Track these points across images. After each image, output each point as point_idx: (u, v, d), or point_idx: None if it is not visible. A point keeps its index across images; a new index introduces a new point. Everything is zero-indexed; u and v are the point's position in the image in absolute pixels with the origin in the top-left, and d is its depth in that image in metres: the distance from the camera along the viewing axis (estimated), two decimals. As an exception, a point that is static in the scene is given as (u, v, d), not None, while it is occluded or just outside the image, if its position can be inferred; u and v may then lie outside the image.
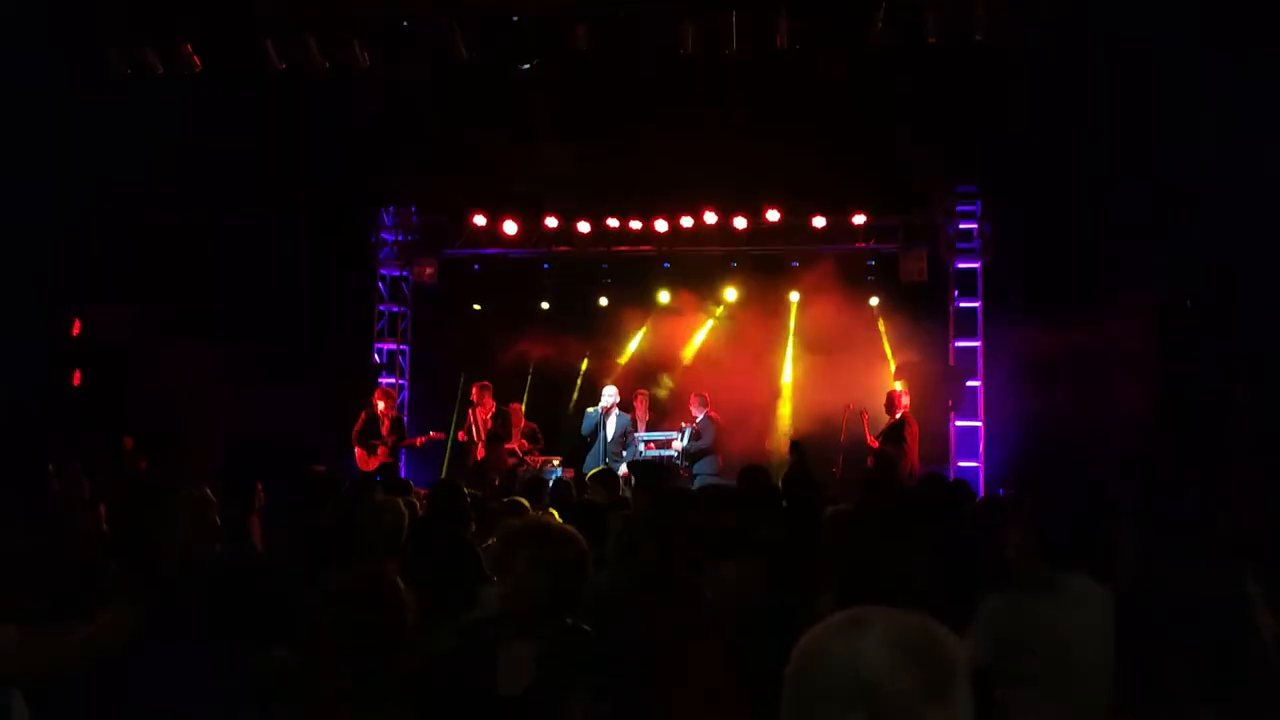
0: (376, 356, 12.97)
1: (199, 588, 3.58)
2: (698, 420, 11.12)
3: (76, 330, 10.11)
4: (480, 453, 11.13)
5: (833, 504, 5.43)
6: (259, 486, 5.34)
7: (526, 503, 5.00)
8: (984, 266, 11.98)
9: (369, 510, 4.63)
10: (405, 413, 12.72)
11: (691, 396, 11.33)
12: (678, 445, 11.15)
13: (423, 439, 11.28)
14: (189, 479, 5.90)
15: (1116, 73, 8.98)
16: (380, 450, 10.85)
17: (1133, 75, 8.98)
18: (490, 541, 4.44)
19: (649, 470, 5.48)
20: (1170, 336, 9.48)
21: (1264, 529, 4.97)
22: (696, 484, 10.90)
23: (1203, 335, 8.93)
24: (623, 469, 9.71)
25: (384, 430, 10.99)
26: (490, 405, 11.28)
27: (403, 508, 4.67)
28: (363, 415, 11.02)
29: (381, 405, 11.11)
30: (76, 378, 10.04)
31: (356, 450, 10.91)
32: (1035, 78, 9.31)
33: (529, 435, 11.43)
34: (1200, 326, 8.94)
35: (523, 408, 11.62)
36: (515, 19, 9.14)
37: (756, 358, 12.39)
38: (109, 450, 9.15)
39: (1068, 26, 8.31)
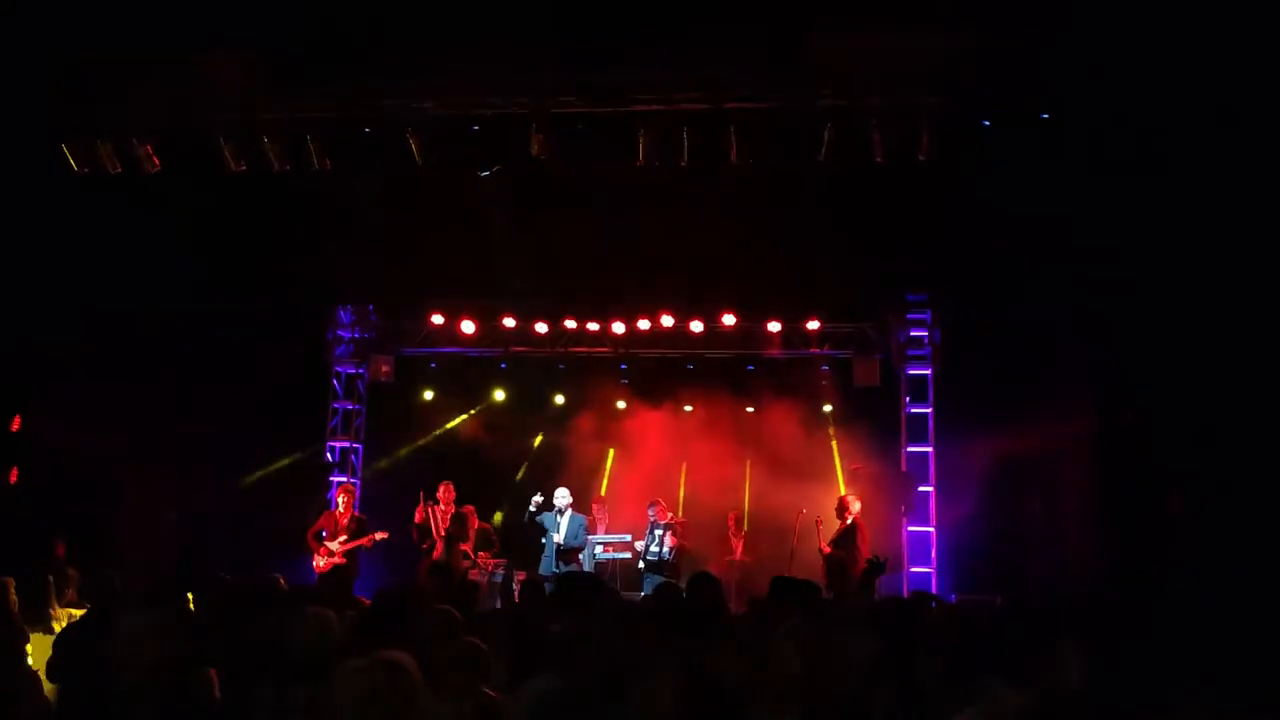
0: (329, 455, 12.80)
1: None
2: (662, 526, 11.06)
3: (16, 426, 9.93)
4: (438, 552, 10.93)
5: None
6: None
7: (457, 613, 4.86)
8: (935, 373, 12.17)
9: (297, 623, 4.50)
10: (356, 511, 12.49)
11: (652, 507, 11.29)
12: (643, 548, 11.03)
13: (369, 539, 10.93)
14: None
15: (1059, 184, 9.24)
16: (328, 553, 10.60)
17: (1074, 186, 9.25)
18: None
19: (574, 585, 5.36)
20: (1108, 447, 9.62)
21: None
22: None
23: (1139, 448, 9.06)
24: None
25: (342, 529, 10.71)
26: (451, 507, 11.12)
27: (333, 621, 4.55)
28: (321, 515, 10.81)
29: (341, 504, 10.88)
30: (14, 475, 9.83)
31: (314, 552, 10.63)
32: (980, 192, 9.58)
33: (482, 537, 11.27)
34: (1137, 439, 9.09)
35: (474, 509, 11.47)
36: (475, 128, 9.28)
37: (711, 461, 12.38)
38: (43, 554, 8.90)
39: (1009, 144, 8.58)
